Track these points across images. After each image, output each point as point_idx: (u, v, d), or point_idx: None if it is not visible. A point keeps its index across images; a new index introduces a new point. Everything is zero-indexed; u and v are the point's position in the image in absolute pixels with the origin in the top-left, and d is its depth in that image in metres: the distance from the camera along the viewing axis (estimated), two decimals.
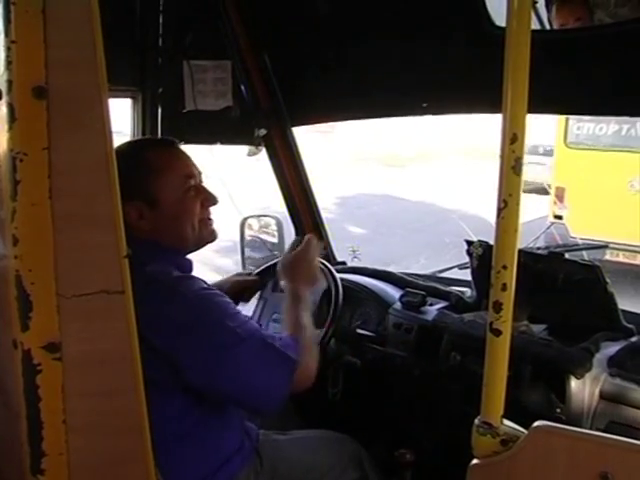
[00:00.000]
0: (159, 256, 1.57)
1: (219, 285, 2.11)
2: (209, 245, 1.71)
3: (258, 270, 2.24)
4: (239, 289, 2.12)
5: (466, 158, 14.78)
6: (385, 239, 9.08)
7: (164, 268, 1.54)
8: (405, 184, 13.08)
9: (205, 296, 1.53)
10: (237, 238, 2.71)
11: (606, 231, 6.19)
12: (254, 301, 2.49)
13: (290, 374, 1.54)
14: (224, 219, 2.01)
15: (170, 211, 1.59)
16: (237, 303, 2.16)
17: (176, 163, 1.63)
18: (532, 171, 9.47)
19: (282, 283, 1.88)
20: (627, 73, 1.74)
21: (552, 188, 7.61)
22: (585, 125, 7.36)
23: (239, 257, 2.72)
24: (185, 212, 1.61)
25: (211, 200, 1.66)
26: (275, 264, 2.24)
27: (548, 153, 9.15)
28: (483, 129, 11.08)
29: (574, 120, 7.32)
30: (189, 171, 1.63)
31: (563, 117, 7.06)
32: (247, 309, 2.36)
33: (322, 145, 14.95)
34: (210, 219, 1.68)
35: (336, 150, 15.25)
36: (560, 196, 7.41)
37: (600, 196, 6.89)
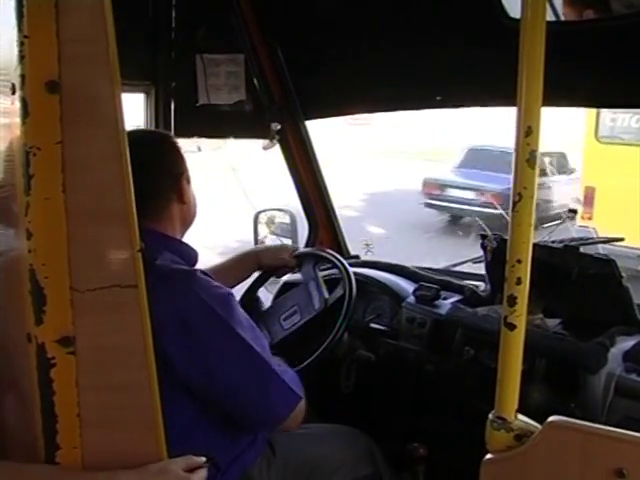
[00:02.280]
0: (167, 247, 1.59)
1: (259, 253, 2.17)
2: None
3: (300, 252, 2.20)
4: (278, 264, 2.14)
5: None
6: (401, 242, 8.40)
7: (173, 260, 1.56)
8: None
9: (218, 295, 1.53)
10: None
11: None
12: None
13: (292, 405, 1.56)
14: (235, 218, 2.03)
15: (192, 193, 1.72)
16: (270, 276, 2.19)
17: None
18: None
19: None
20: None
21: (581, 188, 6.86)
22: (620, 117, 6.59)
23: None
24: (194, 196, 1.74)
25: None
26: (317, 254, 2.21)
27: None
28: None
29: (607, 111, 6.43)
30: None
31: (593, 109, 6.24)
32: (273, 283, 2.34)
33: (359, 137, 14.72)
34: None
35: (373, 142, 14.86)
36: (589, 197, 6.68)
37: (636, 197, 5.88)
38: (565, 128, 8.85)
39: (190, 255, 1.67)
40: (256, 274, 2.18)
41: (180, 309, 1.47)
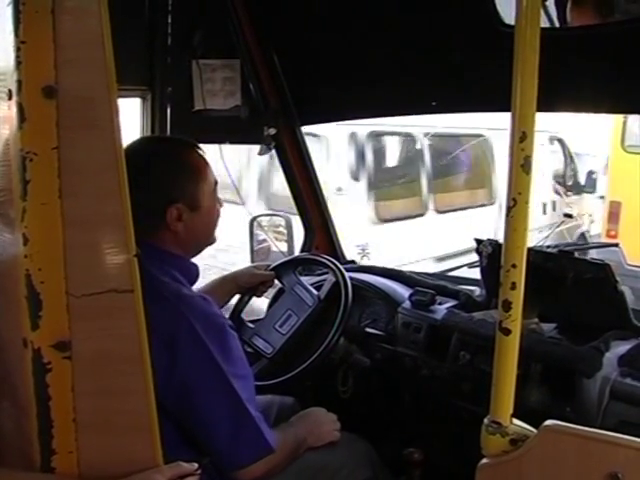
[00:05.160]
0: (168, 264, 1.57)
1: (236, 275, 2.14)
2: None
3: (274, 265, 2.22)
4: (255, 282, 2.13)
5: None
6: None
7: (173, 279, 1.54)
8: None
9: (210, 326, 1.50)
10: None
11: None
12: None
13: (260, 455, 1.51)
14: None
15: (206, 216, 1.63)
16: (251, 296, 2.18)
17: (207, 167, 1.65)
18: None
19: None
20: (637, 70, 1.73)
21: (605, 202, 6.19)
22: None
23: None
24: (215, 217, 1.68)
25: (221, 205, 1.71)
26: (294, 260, 2.24)
27: None
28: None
29: (636, 118, 5.63)
30: (215, 178, 1.67)
31: (620, 116, 5.62)
32: (260, 302, 2.35)
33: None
34: None
35: None
36: (615, 213, 6.01)
37: None
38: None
39: (190, 270, 1.64)
40: (237, 297, 2.17)
41: (167, 329, 1.44)
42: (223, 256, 4.75)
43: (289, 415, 1.89)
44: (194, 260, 1.70)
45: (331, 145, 5.38)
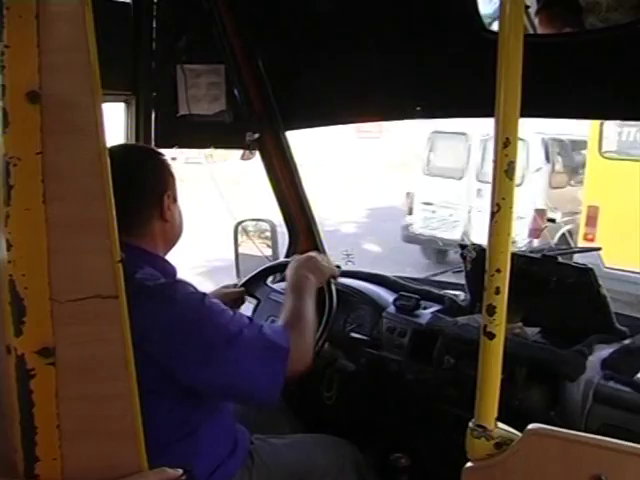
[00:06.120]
0: (147, 263, 1.60)
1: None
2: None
3: (243, 281, 2.24)
4: (227, 301, 2.13)
5: None
6: (392, 264, 7.42)
7: (152, 275, 1.58)
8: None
9: (194, 299, 1.56)
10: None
11: None
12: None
13: (282, 362, 1.57)
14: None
15: (180, 208, 1.74)
16: None
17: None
18: None
19: (287, 275, 1.92)
20: (617, 77, 1.75)
21: (583, 206, 6.27)
22: (625, 130, 5.92)
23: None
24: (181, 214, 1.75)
25: None
26: (261, 272, 2.25)
27: None
28: None
29: (614, 124, 5.84)
30: None
31: (597, 122, 5.77)
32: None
33: (369, 150, 14.41)
34: None
35: (383, 155, 14.49)
36: (592, 217, 6.09)
37: None
38: None
39: (168, 272, 1.68)
40: None
41: (164, 321, 1.50)
42: None
43: (275, 418, 1.89)
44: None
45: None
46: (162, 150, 1.84)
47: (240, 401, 1.74)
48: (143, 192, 1.65)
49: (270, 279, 2.38)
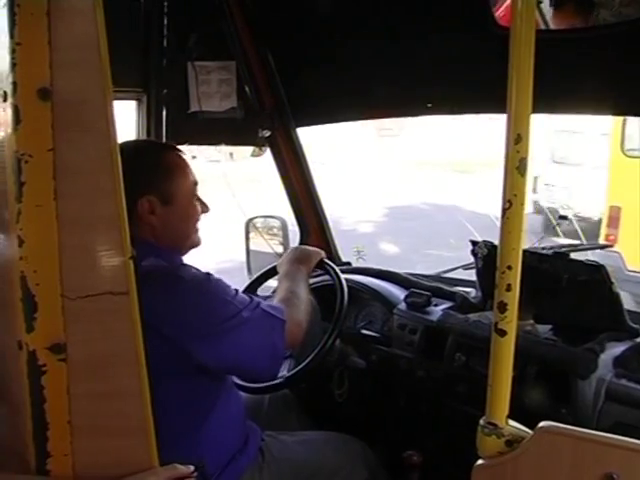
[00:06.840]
0: (154, 254, 1.60)
1: None
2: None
3: (244, 288, 2.21)
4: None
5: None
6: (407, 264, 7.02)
7: (157, 262, 1.59)
8: (474, 192, 10.13)
9: (200, 277, 1.59)
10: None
11: None
12: None
13: (280, 333, 1.64)
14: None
15: (180, 211, 1.67)
16: None
17: (188, 169, 1.71)
18: None
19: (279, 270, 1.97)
20: (631, 73, 1.73)
21: (605, 207, 6.01)
22: None
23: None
24: (192, 215, 1.72)
25: (206, 208, 1.77)
26: (255, 280, 2.22)
27: None
28: None
29: (638, 121, 5.35)
30: (195, 179, 1.72)
31: (619, 118, 5.49)
32: None
33: (389, 148, 14.43)
34: (198, 227, 1.77)
35: (403, 153, 14.43)
36: (614, 217, 5.84)
37: None
38: None
39: (176, 261, 1.68)
40: None
41: (177, 301, 1.54)
42: None
43: (286, 416, 1.90)
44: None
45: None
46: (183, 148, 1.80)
47: (244, 375, 1.78)
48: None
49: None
